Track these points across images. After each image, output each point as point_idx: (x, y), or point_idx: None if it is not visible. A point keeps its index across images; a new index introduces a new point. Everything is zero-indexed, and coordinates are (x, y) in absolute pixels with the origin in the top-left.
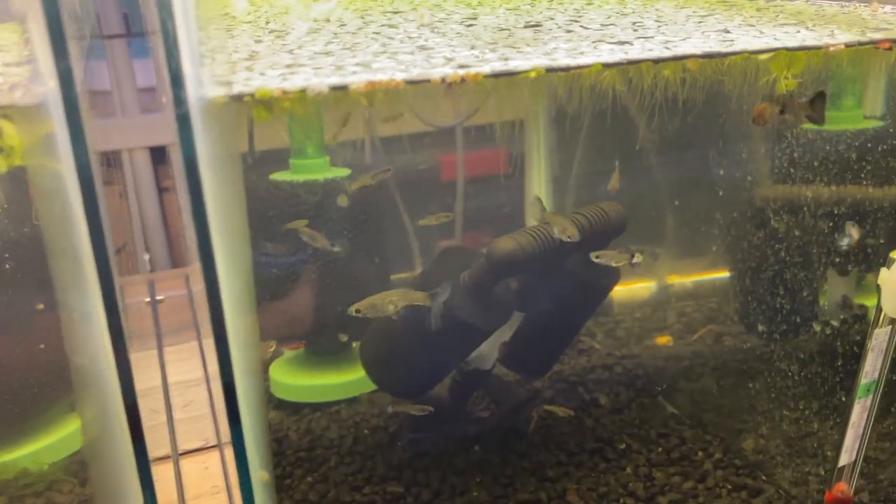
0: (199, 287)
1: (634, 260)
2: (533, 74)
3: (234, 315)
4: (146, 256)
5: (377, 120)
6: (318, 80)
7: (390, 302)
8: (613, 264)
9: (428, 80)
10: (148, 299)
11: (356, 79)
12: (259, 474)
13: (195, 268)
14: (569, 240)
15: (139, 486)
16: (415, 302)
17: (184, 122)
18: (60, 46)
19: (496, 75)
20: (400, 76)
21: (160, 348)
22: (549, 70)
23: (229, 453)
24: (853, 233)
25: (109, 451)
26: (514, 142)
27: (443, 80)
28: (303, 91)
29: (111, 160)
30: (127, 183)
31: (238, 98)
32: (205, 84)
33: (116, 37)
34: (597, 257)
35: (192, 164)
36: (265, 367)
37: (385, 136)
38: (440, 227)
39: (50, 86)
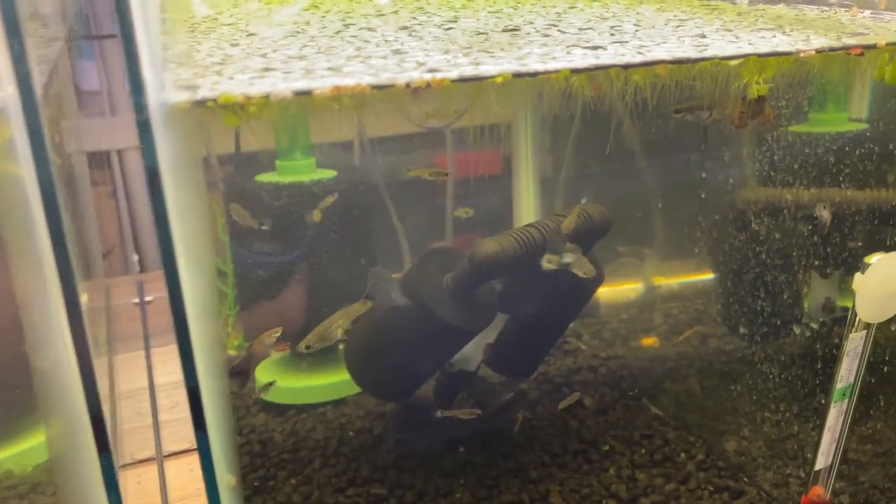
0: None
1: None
2: (500, 80)
3: (199, 320)
4: (135, 257)
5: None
6: (284, 84)
7: (336, 326)
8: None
9: (393, 85)
10: (136, 300)
11: (321, 83)
12: (226, 479)
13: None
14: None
15: (105, 491)
16: (357, 313)
17: (144, 128)
18: (18, 49)
19: (463, 80)
20: (367, 80)
21: (147, 349)
22: (517, 75)
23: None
24: (824, 215)
25: (74, 459)
26: (503, 144)
27: (408, 84)
28: (266, 96)
29: (100, 161)
30: (116, 184)
31: (201, 104)
32: (167, 89)
33: (107, 37)
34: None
35: (153, 171)
36: (259, 360)
37: (376, 136)
38: (430, 228)
39: (8, 91)
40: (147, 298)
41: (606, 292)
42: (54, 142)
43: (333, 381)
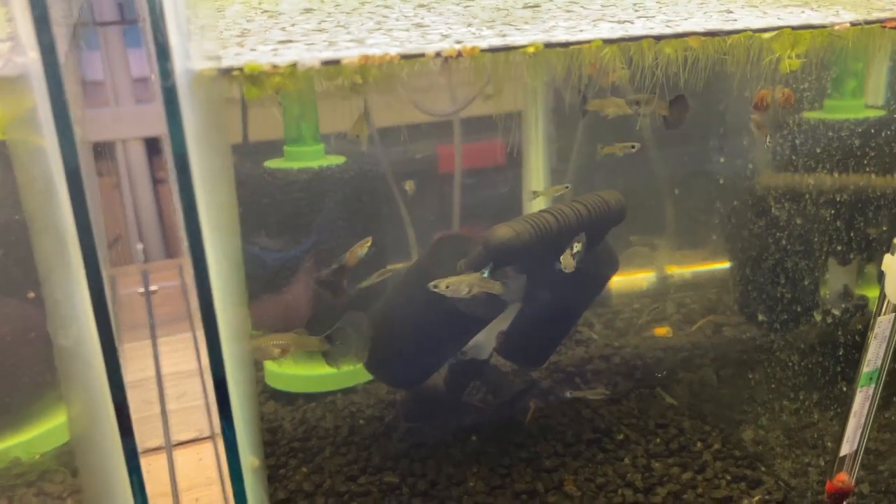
0: (192, 277)
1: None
2: (531, 50)
3: (225, 305)
4: (140, 247)
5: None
6: (309, 54)
7: (275, 345)
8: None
9: (423, 55)
10: (142, 290)
11: (349, 53)
12: (249, 460)
13: (189, 258)
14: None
15: (126, 473)
16: (306, 348)
17: (170, 95)
18: (42, 14)
19: (493, 50)
20: (394, 51)
21: (154, 339)
22: (548, 45)
23: (223, 445)
24: (576, 247)
25: (96, 437)
26: (512, 133)
27: (438, 54)
28: (293, 65)
29: (105, 151)
30: (121, 174)
31: (227, 72)
32: (193, 58)
33: (110, 24)
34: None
35: (179, 142)
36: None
37: (383, 126)
38: (437, 219)
39: (31, 56)
40: (152, 288)
41: (619, 281)
42: (77, 116)
43: (343, 370)
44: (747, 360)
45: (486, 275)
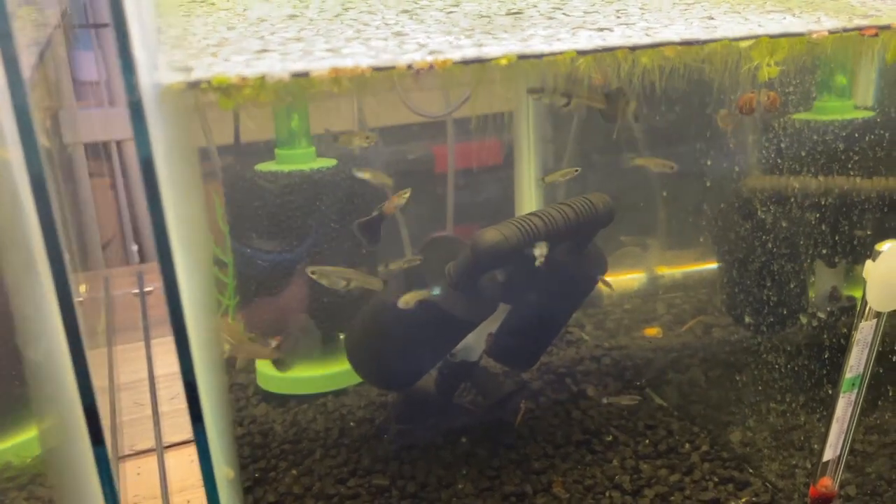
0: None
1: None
2: (504, 62)
3: (196, 311)
4: (135, 248)
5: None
6: (280, 66)
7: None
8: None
9: (394, 67)
10: (136, 291)
11: (319, 65)
12: (224, 471)
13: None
14: (367, 141)
15: (99, 485)
16: (258, 356)
17: (136, 109)
18: (3, 27)
19: (466, 62)
20: (366, 62)
21: (147, 340)
22: (522, 57)
23: (196, 452)
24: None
25: (68, 452)
26: (505, 133)
27: (409, 66)
28: (262, 78)
29: (100, 152)
30: (115, 174)
31: (195, 85)
32: (160, 70)
33: (103, 26)
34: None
35: (146, 156)
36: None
37: (378, 126)
38: (431, 219)
39: None
40: (147, 288)
41: (609, 282)
42: (45, 126)
43: (334, 371)
44: (735, 362)
45: (435, 292)
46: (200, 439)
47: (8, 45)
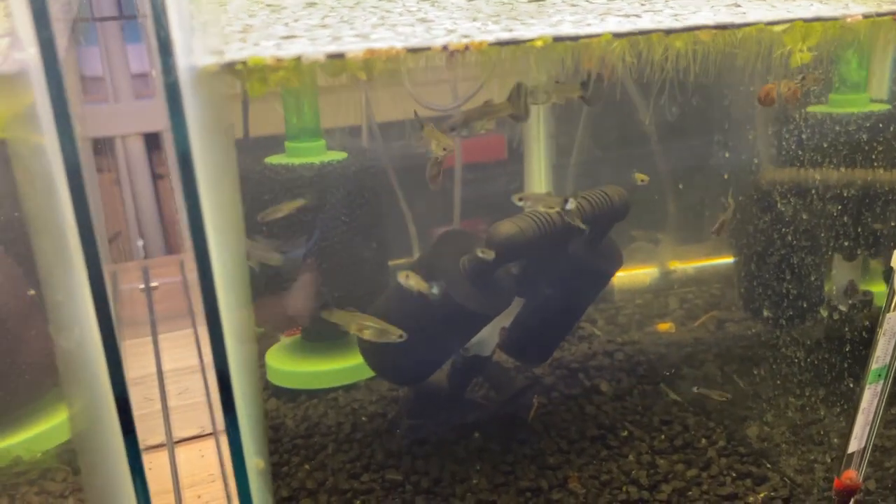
0: (193, 273)
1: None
2: (539, 43)
3: (229, 301)
4: (140, 243)
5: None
6: (313, 48)
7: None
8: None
9: (429, 48)
10: (142, 286)
11: (354, 47)
12: (254, 461)
13: (190, 254)
14: (444, 152)
15: (129, 474)
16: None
17: (173, 91)
18: (41, 9)
19: (501, 43)
20: (400, 45)
21: (154, 335)
22: (557, 39)
23: (225, 441)
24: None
25: (99, 439)
26: (511, 128)
27: (445, 48)
28: (297, 59)
29: (104, 147)
30: (120, 170)
31: (230, 66)
32: (195, 53)
33: (109, 19)
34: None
35: (182, 139)
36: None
37: (385, 120)
38: (438, 214)
39: (30, 52)
40: (153, 284)
41: (622, 277)
42: (77, 112)
43: (345, 366)
44: (752, 357)
45: (434, 290)
46: (232, 430)
47: (45, 27)
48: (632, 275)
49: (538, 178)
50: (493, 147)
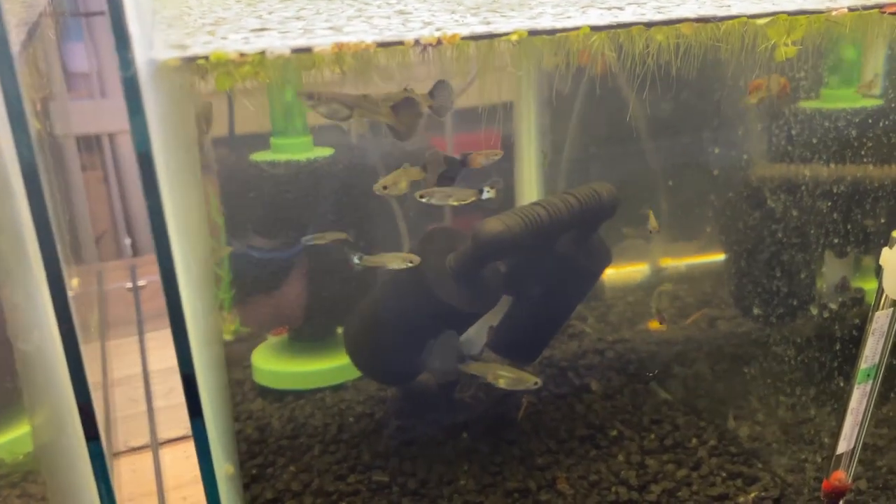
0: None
1: None
2: (514, 37)
3: (193, 304)
4: (128, 241)
5: None
6: (281, 42)
7: None
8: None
9: (401, 43)
10: (129, 285)
11: (322, 41)
12: (224, 467)
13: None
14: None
15: (94, 482)
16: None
17: (131, 87)
18: None
19: (475, 38)
20: (370, 38)
21: (141, 334)
22: (533, 33)
23: (195, 448)
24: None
25: (62, 445)
26: (504, 124)
27: (417, 41)
28: (262, 53)
29: (91, 144)
30: (108, 168)
31: (192, 61)
32: (156, 48)
33: (95, 14)
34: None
35: (142, 137)
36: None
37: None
38: (429, 212)
39: None
40: (140, 283)
41: (612, 274)
42: (36, 111)
43: (332, 366)
44: (742, 355)
45: (357, 261)
46: (199, 435)
47: None
48: (623, 272)
49: (528, 174)
50: (488, 143)
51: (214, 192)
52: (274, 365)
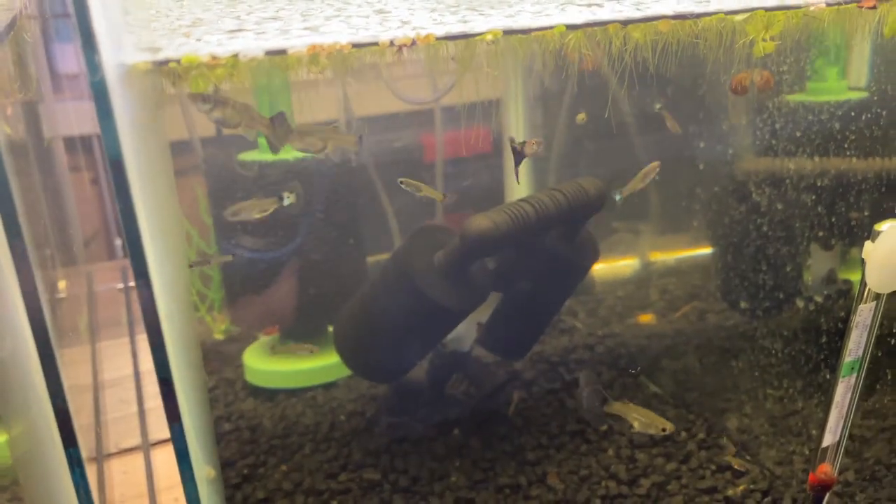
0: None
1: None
2: (489, 37)
3: (170, 307)
4: (119, 242)
5: None
6: (255, 44)
7: None
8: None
9: (376, 43)
10: (121, 285)
11: (297, 42)
12: (204, 471)
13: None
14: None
15: (73, 491)
16: None
17: (99, 91)
18: None
19: (450, 38)
20: (346, 39)
21: (132, 336)
22: (508, 32)
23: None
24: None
25: (39, 451)
26: (493, 120)
27: (391, 42)
28: (235, 57)
29: (81, 146)
30: (98, 168)
31: (163, 64)
32: (127, 50)
33: None
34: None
35: (112, 142)
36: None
37: (365, 115)
38: (420, 209)
39: None
40: (132, 284)
41: (602, 269)
42: (5, 113)
43: (323, 364)
44: (731, 348)
45: (285, 202)
46: (178, 439)
47: None
48: (613, 266)
49: (518, 169)
50: (477, 140)
51: (203, 193)
52: (265, 364)
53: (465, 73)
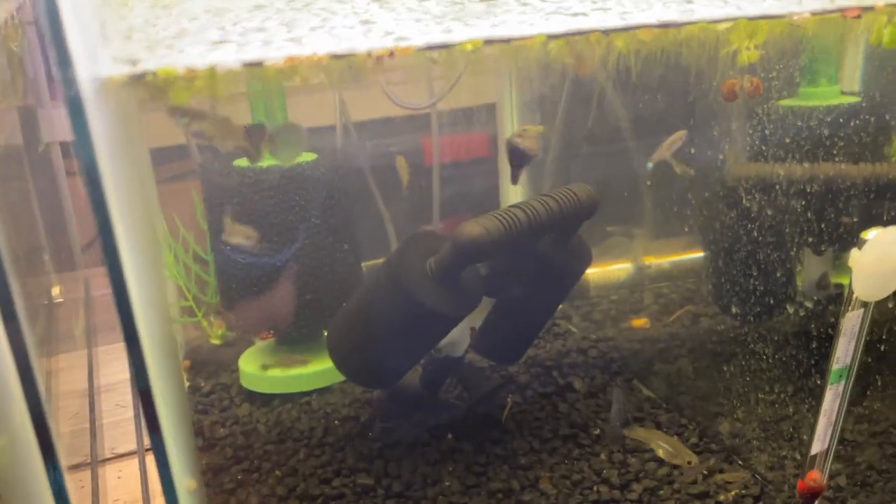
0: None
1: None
2: (469, 47)
3: (148, 316)
4: None
5: None
6: (235, 56)
7: None
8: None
9: (354, 55)
10: None
11: (275, 54)
12: (186, 482)
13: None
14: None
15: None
16: None
17: (75, 105)
18: None
19: (430, 48)
20: (324, 50)
21: None
22: (488, 42)
23: (154, 461)
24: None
25: (18, 468)
26: (488, 125)
27: (369, 53)
28: (212, 69)
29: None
30: None
31: (140, 77)
32: (103, 63)
33: None
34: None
35: (87, 154)
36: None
37: (362, 119)
38: (417, 213)
39: None
40: None
41: (596, 273)
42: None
43: (318, 370)
44: (723, 352)
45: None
46: (159, 450)
47: None
48: (607, 271)
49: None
50: (477, 144)
51: (199, 198)
52: (261, 369)
53: (457, 79)
